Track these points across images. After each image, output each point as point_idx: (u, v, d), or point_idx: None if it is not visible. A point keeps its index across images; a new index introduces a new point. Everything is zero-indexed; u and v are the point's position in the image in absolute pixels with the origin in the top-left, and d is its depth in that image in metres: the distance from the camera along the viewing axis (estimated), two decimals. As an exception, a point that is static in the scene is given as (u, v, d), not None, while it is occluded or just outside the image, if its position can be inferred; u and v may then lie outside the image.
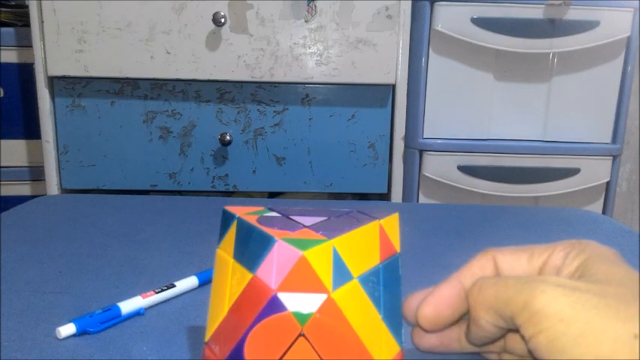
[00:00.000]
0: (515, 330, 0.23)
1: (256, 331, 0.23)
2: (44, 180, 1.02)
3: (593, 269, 0.24)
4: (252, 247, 0.25)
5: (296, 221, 0.27)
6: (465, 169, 1.09)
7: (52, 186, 1.02)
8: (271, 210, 0.28)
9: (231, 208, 0.28)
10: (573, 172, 1.10)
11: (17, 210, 0.58)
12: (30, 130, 1.18)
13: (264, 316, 0.23)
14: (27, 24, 0.97)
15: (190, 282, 0.39)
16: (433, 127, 1.10)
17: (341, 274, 0.24)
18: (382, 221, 0.28)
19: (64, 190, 1.04)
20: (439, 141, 1.09)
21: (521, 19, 1.03)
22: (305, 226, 0.26)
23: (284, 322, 0.23)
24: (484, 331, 0.25)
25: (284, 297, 0.23)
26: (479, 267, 0.28)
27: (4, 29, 1.13)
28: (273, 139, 1.03)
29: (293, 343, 0.23)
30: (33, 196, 1.18)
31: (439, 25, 1.04)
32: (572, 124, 1.11)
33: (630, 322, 0.20)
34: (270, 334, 0.23)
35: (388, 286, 0.26)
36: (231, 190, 1.06)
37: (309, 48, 0.97)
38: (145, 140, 1.02)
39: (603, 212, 1.16)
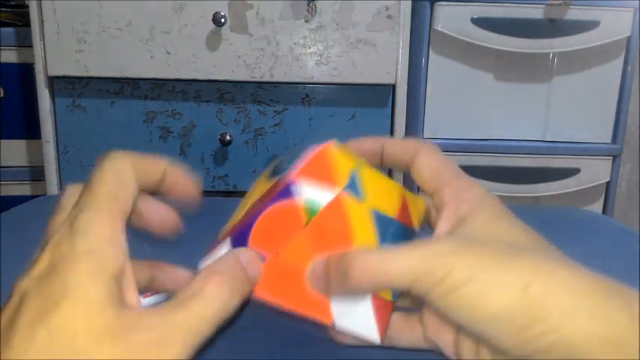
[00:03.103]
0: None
1: (265, 215, 0.23)
2: (44, 180, 1.02)
3: (473, 224, 0.25)
4: (287, 160, 0.26)
5: None
6: (465, 169, 1.08)
7: (52, 186, 1.02)
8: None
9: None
10: (573, 172, 1.10)
11: (17, 210, 0.58)
12: (30, 130, 1.18)
13: (275, 201, 0.23)
14: (27, 24, 0.97)
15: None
16: (433, 127, 1.10)
17: (355, 189, 0.25)
18: (408, 193, 0.29)
19: (64, 190, 1.04)
20: (439, 141, 1.09)
21: (521, 19, 1.03)
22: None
23: (292, 211, 0.23)
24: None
25: (298, 185, 0.24)
26: (402, 148, 0.30)
27: (4, 29, 1.13)
28: (273, 139, 1.03)
29: (292, 237, 0.24)
30: (33, 196, 1.18)
31: (439, 25, 1.04)
32: (572, 124, 1.11)
33: (519, 274, 0.21)
34: (277, 222, 0.23)
35: (395, 242, 0.26)
36: (231, 190, 1.06)
37: (309, 48, 0.97)
38: (145, 140, 1.02)
39: (603, 212, 1.16)
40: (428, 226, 0.30)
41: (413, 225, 0.28)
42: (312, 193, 0.24)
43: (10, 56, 1.14)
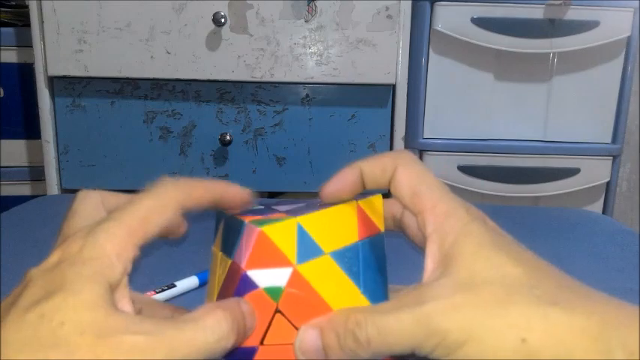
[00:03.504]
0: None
1: None
2: (44, 180, 1.02)
3: (459, 263, 0.24)
4: (231, 236, 0.26)
5: (275, 209, 0.28)
6: (465, 169, 1.09)
7: (52, 186, 1.02)
8: (260, 204, 0.29)
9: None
10: (573, 172, 1.10)
11: (17, 210, 0.58)
12: (30, 130, 1.18)
13: (239, 295, 0.24)
14: (27, 24, 0.97)
15: (191, 282, 0.39)
16: (433, 127, 1.10)
17: (308, 248, 0.25)
18: (361, 202, 0.28)
19: (64, 190, 1.04)
20: (439, 141, 1.09)
21: (521, 19, 1.03)
22: (280, 212, 0.27)
23: (258, 300, 0.24)
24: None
25: (253, 274, 0.24)
26: (381, 168, 0.28)
27: (4, 29, 1.13)
28: (273, 139, 1.03)
29: (271, 321, 0.24)
30: (33, 196, 1.17)
31: (439, 25, 1.04)
32: (572, 124, 1.11)
33: (514, 327, 0.21)
34: None
35: (370, 262, 0.26)
36: (231, 190, 1.06)
37: (309, 48, 0.97)
38: (145, 140, 1.02)
39: (603, 212, 1.16)
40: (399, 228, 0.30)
41: (378, 229, 0.28)
42: (268, 279, 0.24)
43: (10, 56, 1.14)
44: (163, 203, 0.24)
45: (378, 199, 0.29)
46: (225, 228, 0.27)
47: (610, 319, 0.21)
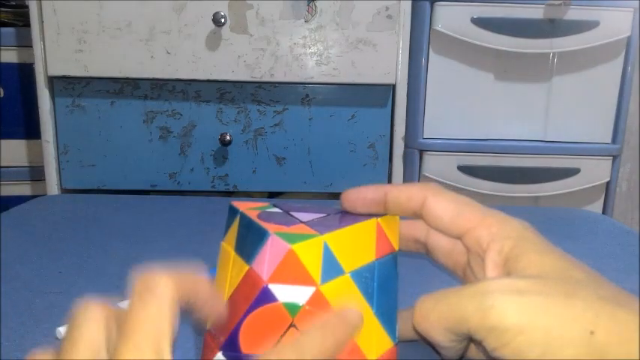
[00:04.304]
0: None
1: (250, 320, 0.24)
2: (44, 180, 1.02)
3: (523, 261, 0.24)
4: (250, 241, 0.26)
5: (294, 217, 0.27)
6: (465, 169, 1.09)
7: (52, 186, 1.02)
8: (275, 206, 0.29)
9: (237, 204, 0.28)
10: (573, 172, 1.10)
11: (17, 210, 0.58)
12: (30, 130, 1.18)
13: (257, 306, 0.24)
14: (27, 24, 0.97)
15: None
16: (433, 127, 1.10)
17: (331, 268, 0.25)
18: (380, 219, 0.28)
19: (64, 190, 1.04)
20: (439, 141, 1.09)
21: (521, 19, 1.03)
22: (302, 222, 0.27)
23: (275, 313, 0.24)
24: (452, 349, 0.25)
25: (274, 288, 0.24)
26: (407, 196, 0.28)
27: (4, 29, 1.13)
28: (273, 139, 1.03)
29: (285, 333, 0.24)
30: (33, 196, 1.18)
31: (439, 25, 1.04)
32: (572, 124, 1.11)
33: (581, 319, 0.21)
34: (263, 324, 0.24)
35: (383, 282, 0.26)
36: (231, 190, 1.06)
37: (309, 48, 0.97)
38: (145, 140, 1.02)
39: (603, 212, 1.16)
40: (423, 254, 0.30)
41: (393, 247, 0.28)
42: (289, 296, 0.24)
43: (10, 56, 1.14)
44: (167, 313, 0.21)
45: (395, 218, 0.29)
46: (242, 228, 0.27)
47: None
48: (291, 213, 0.28)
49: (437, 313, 0.23)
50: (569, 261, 0.25)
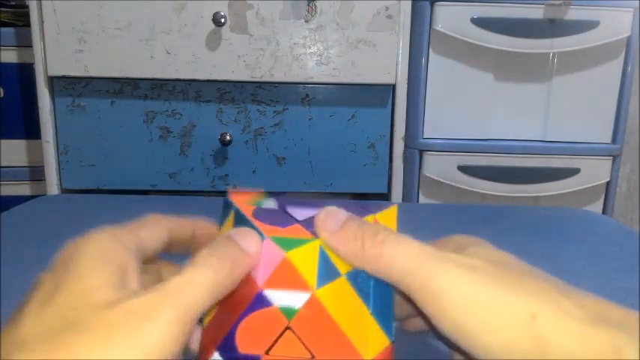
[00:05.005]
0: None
1: (246, 322, 0.24)
2: (44, 180, 1.02)
3: (472, 248, 0.25)
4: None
5: (290, 215, 0.27)
6: (465, 169, 1.09)
7: (52, 186, 1.02)
8: (269, 200, 0.29)
9: (233, 196, 0.28)
10: (573, 172, 1.10)
11: (17, 210, 0.58)
12: (30, 130, 1.18)
13: (253, 309, 0.24)
14: (27, 24, 0.97)
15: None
16: (433, 127, 1.10)
17: (327, 272, 0.25)
18: (378, 215, 0.28)
19: (64, 190, 1.04)
20: (439, 141, 1.09)
21: (521, 19, 1.03)
22: (298, 222, 0.27)
23: (271, 316, 0.24)
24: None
25: (270, 294, 0.24)
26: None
27: (4, 29, 1.13)
28: (273, 139, 1.03)
29: (280, 336, 0.24)
30: (33, 196, 1.17)
31: (439, 25, 1.04)
32: (572, 124, 1.11)
33: (525, 302, 0.21)
34: (259, 326, 0.24)
35: (379, 280, 0.26)
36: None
37: (309, 48, 0.97)
38: (145, 140, 1.02)
39: (603, 212, 1.16)
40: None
41: None
42: (284, 300, 0.24)
43: (10, 56, 1.14)
44: (154, 222, 0.27)
45: (393, 211, 0.29)
46: (237, 225, 0.27)
47: (618, 317, 0.21)
48: (288, 209, 0.28)
49: (391, 258, 0.23)
50: (521, 262, 0.25)
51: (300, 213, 0.28)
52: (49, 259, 0.46)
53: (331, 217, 0.25)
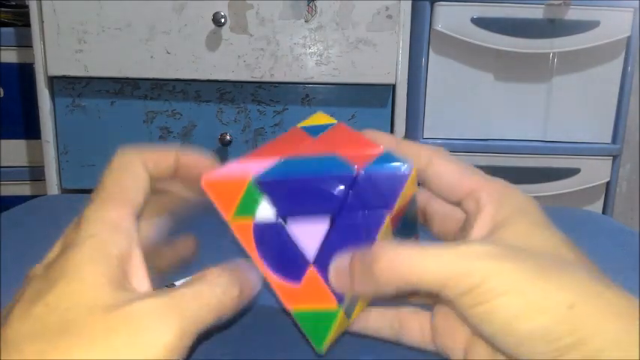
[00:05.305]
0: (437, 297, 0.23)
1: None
2: (44, 180, 1.02)
3: (511, 230, 0.23)
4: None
5: (296, 242, 0.26)
6: (465, 169, 1.09)
7: (52, 186, 1.02)
8: (262, 198, 0.25)
9: (209, 187, 0.26)
10: (573, 172, 1.10)
11: (17, 210, 0.58)
12: (30, 130, 1.18)
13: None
14: (27, 24, 0.97)
15: (190, 282, 0.39)
16: (433, 127, 1.10)
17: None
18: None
19: (64, 190, 1.04)
20: (439, 141, 1.09)
21: (521, 19, 1.03)
22: (310, 263, 0.25)
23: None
24: (383, 294, 0.24)
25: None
26: (415, 152, 0.27)
27: (4, 29, 1.13)
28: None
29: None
30: (33, 196, 1.17)
31: (439, 25, 1.04)
32: (572, 124, 1.11)
33: (563, 291, 0.20)
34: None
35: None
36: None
37: (309, 48, 0.97)
38: (145, 140, 1.02)
39: (603, 212, 1.16)
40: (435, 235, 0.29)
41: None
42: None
43: (10, 56, 1.14)
44: (127, 164, 0.25)
45: (319, 116, 0.30)
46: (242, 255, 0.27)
47: None
48: (290, 227, 0.25)
49: (410, 267, 0.21)
50: (563, 240, 0.24)
51: (306, 234, 0.25)
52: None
53: (341, 276, 0.24)
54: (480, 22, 1.03)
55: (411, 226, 0.28)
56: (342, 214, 0.24)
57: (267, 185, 0.25)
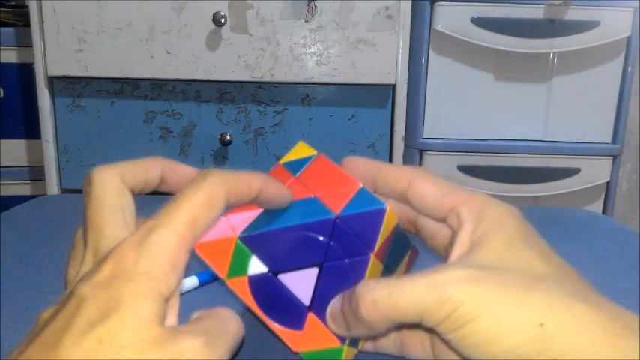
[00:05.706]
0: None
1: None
2: (44, 180, 1.02)
3: (487, 249, 0.24)
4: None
5: (290, 291, 0.27)
6: (465, 169, 1.09)
7: (52, 186, 1.02)
8: (250, 254, 0.27)
9: (201, 250, 0.27)
10: (573, 172, 1.10)
11: (17, 210, 0.58)
12: (30, 130, 1.18)
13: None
14: (27, 24, 0.97)
15: (190, 282, 0.39)
16: (433, 127, 1.10)
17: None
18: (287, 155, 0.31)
19: (64, 190, 1.04)
20: (439, 141, 1.09)
21: (521, 19, 1.03)
22: (307, 308, 0.27)
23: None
24: (379, 334, 0.26)
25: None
26: (395, 175, 0.28)
27: (4, 29, 1.13)
28: (273, 139, 1.03)
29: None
30: (33, 196, 1.17)
31: (439, 25, 1.04)
32: (572, 124, 1.11)
33: (533, 310, 0.21)
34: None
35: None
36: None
37: (309, 48, 0.97)
38: (145, 140, 1.02)
39: (603, 212, 1.16)
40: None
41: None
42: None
43: (10, 56, 1.14)
44: (212, 201, 0.23)
45: (301, 147, 0.31)
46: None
47: (630, 321, 0.21)
48: (282, 279, 0.27)
49: (391, 303, 0.22)
50: (539, 253, 0.24)
51: (298, 283, 0.26)
52: (49, 259, 0.46)
53: (337, 320, 0.25)
54: (480, 22, 1.03)
55: (403, 244, 0.29)
56: (328, 259, 0.26)
57: (252, 240, 0.26)
